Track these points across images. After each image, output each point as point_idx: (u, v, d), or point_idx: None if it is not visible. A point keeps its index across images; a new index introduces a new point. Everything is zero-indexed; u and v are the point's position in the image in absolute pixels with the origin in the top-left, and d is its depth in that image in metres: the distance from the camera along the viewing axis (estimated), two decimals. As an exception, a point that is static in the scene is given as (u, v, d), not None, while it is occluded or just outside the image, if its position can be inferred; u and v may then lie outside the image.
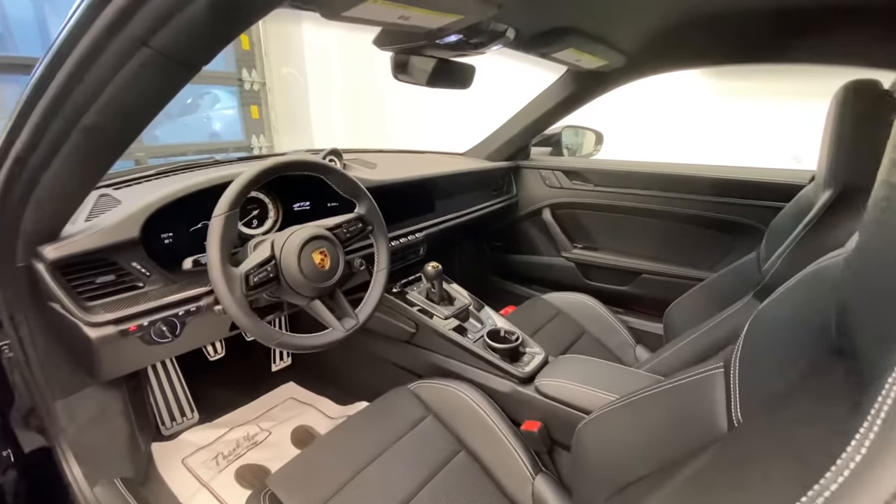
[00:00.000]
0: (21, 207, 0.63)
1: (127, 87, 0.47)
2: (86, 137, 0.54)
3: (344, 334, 0.90)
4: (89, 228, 0.75)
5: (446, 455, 0.92)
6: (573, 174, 1.71)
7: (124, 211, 0.79)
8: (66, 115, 0.50)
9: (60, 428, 0.89)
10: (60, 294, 0.71)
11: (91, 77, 0.46)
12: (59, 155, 0.56)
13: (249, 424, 1.33)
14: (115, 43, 0.42)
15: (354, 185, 0.96)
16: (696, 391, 0.62)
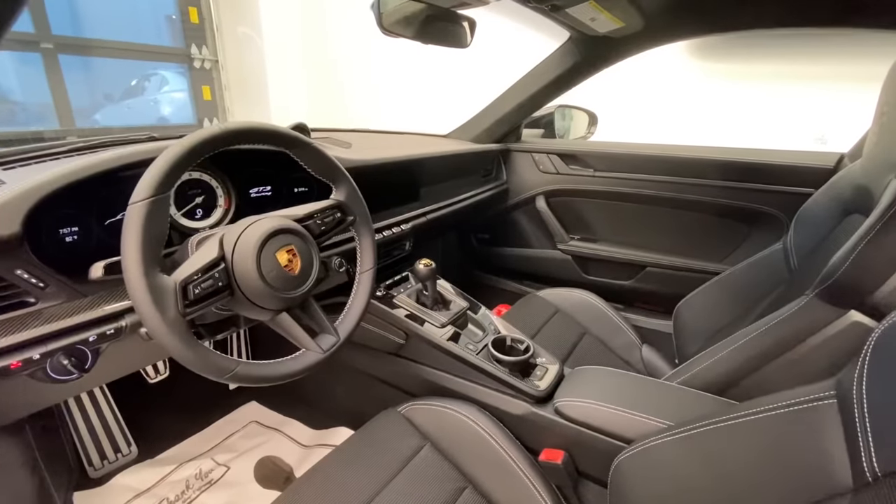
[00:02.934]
0: None
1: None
2: None
3: (322, 356, 0.70)
4: None
5: (450, 493, 0.76)
6: (570, 158, 1.55)
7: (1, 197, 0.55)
8: None
9: None
10: None
11: None
12: None
13: (202, 458, 1.10)
14: None
15: (331, 165, 0.75)
16: (795, 427, 0.47)
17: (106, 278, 0.57)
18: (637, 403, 0.78)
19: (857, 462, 0.38)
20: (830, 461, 0.41)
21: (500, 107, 1.52)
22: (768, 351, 0.80)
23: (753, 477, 0.49)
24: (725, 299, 1.14)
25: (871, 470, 0.37)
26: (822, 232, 0.94)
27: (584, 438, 0.81)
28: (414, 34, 0.81)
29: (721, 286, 1.18)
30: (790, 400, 0.48)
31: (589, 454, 0.81)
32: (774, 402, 0.49)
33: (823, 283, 0.76)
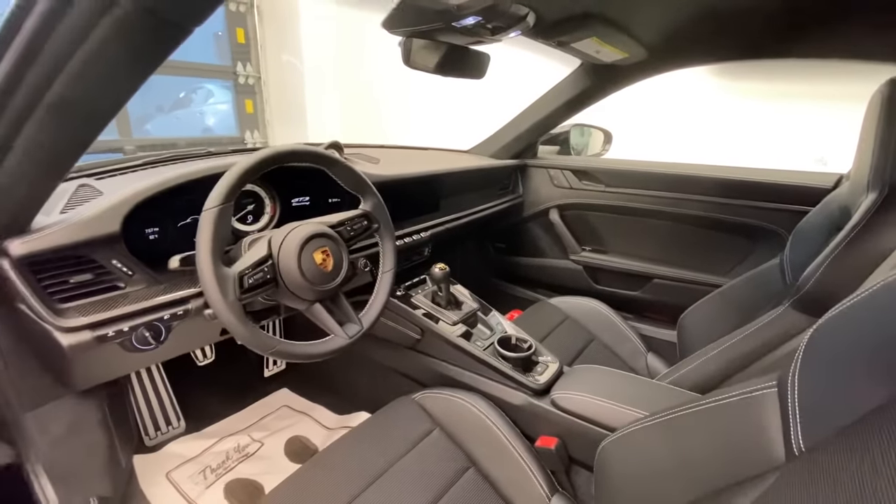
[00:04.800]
0: None
1: (99, 54, 0.39)
2: (51, 118, 0.45)
3: (347, 342, 0.83)
4: (64, 221, 0.66)
5: (454, 473, 0.85)
6: (583, 174, 1.65)
7: (105, 202, 0.70)
8: (26, 92, 0.42)
9: (31, 443, 0.80)
10: (28, 294, 0.63)
11: (56, 40, 0.38)
12: (19, 139, 0.47)
13: (240, 434, 1.24)
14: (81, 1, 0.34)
15: (360, 180, 0.88)
16: (744, 412, 0.56)
17: (180, 269, 0.72)
18: (622, 396, 0.87)
19: (789, 440, 0.47)
20: (769, 441, 0.49)
21: (517, 125, 1.63)
22: (748, 355, 0.87)
23: (709, 455, 0.58)
24: (726, 311, 1.20)
25: (798, 446, 0.45)
26: (814, 248, 1.01)
27: (575, 427, 0.90)
28: (435, 68, 0.94)
29: (722, 298, 1.24)
30: (741, 391, 0.57)
31: (579, 441, 0.90)
32: (729, 392, 0.58)
33: (797, 294, 0.83)
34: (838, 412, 0.44)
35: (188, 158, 1.00)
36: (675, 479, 0.62)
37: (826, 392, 0.47)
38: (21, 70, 0.41)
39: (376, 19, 0.86)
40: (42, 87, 0.42)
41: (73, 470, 0.85)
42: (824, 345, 0.50)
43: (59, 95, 0.42)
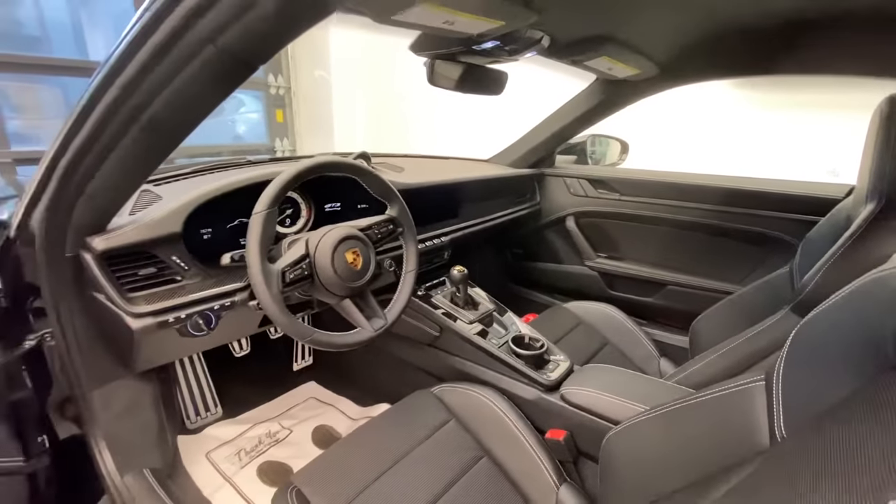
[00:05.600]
0: (75, 200, 0.65)
1: (189, 85, 0.48)
2: (143, 134, 0.55)
3: (373, 334, 0.91)
4: (134, 222, 0.77)
5: (469, 460, 0.91)
6: (598, 183, 1.70)
7: (167, 206, 0.81)
8: (127, 112, 0.52)
9: (95, 417, 0.91)
10: (106, 284, 0.73)
11: (156, 74, 0.48)
12: (116, 150, 0.58)
13: (271, 422, 1.34)
14: (184, 41, 0.44)
15: (387, 188, 0.97)
16: (735, 404, 0.61)
17: (230, 265, 0.82)
18: (627, 392, 0.92)
19: (772, 428, 0.52)
20: (756, 429, 0.55)
21: (535, 136, 1.70)
22: (750, 357, 0.92)
23: (702, 443, 0.63)
24: (736, 317, 1.24)
25: (780, 433, 0.51)
26: (821, 256, 1.04)
27: (583, 421, 0.95)
28: (456, 86, 1.02)
29: (733, 305, 1.27)
30: (732, 385, 0.62)
31: (586, 434, 0.96)
32: (721, 387, 0.64)
33: (797, 298, 0.88)
34: (815, 402, 0.49)
35: (231, 167, 1.11)
36: (672, 466, 0.68)
37: (805, 384, 0.52)
38: (125, 96, 0.51)
39: (402, 42, 0.95)
40: (140, 109, 0.52)
41: (130, 443, 0.96)
42: (806, 341, 0.55)
43: (152, 117, 0.52)
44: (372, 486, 0.83)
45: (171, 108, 0.52)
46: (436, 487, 0.85)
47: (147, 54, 0.46)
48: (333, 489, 0.81)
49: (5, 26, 3.20)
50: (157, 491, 0.89)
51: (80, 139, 0.57)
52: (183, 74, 0.47)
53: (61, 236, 0.70)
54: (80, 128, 0.56)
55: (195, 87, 0.49)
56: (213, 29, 0.42)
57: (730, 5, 0.91)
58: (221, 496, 1.08)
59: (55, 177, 0.62)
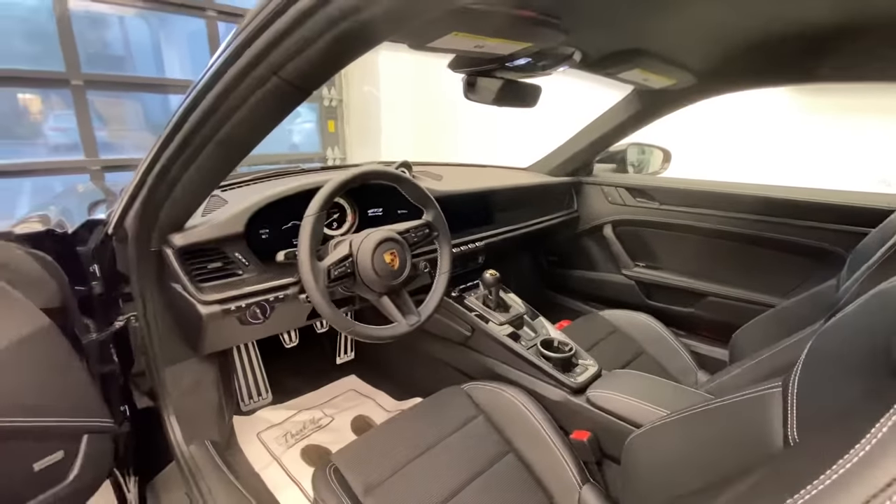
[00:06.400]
0: (162, 203, 0.78)
1: (256, 109, 0.58)
2: (218, 148, 0.66)
3: (408, 329, 0.99)
4: (206, 222, 0.89)
5: (494, 455, 0.96)
6: (637, 191, 1.70)
7: (232, 209, 0.93)
8: (207, 131, 0.63)
9: (166, 391, 1.04)
10: (182, 276, 0.86)
11: (231, 100, 0.58)
12: (196, 162, 0.69)
13: (315, 409, 1.45)
14: (253, 75, 0.53)
15: (423, 195, 1.05)
16: (752, 409, 0.63)
17: (284, 262, 0.92)
18: (650, 397, 0.94)
19: (786, 431, 0.55)
20: (771, 432, 0.57)
21: (573, 145, 1.73)
22: (778, 368, 0.91)
23: (719, 447, 0.65)
24: (778, 330, 1.20)
25: (792, 436, 0.53)
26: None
27: (606, 423, 0.98)
28: (493, 101, 1.09)
29: (776, 318, 1.24)
30: (751, 391, 0.64)
31: (610, 436, 0.98)
32: (742, 393, 0.65)
33: (833, 309, 0.86)
34: (826, 407, 0.51)
35: (287, 175, 1.24)
36: (690, 468, 0.70)
37: (819, 390, 0.54)
38: (206, 118, 0.62)
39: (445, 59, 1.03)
40: (216, 129, 0.63)
41: (195, 417, 1.09)
42: (822, 349, 0.57)
43: (225, 134, 0.63)
44: (402, 470, 0.90)
45: (242, 128, 0.62)
46: (462, 476, 0.90)
47: (223, 86, 0.57)
48: (367, 469, 0.89)
49: (97, 48, 3.58)
50: (217, 461, 1.01)
51: (169, 153, 0.69)
52: (251, 100, 0.57)
53: (149, 234, 0.84)
54: (170, 143, 0.68)
55: (261, 111, 0.59)
56: (277, 63, 0.52)
57: (768, 13, 0.91)
58: (269, 472, 1.19)
59: (147, 184, 0.74)
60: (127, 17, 6.82)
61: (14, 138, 4.81)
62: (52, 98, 4.54)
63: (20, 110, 4.73)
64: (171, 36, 7.86)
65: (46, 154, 5.10)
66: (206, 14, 3.43)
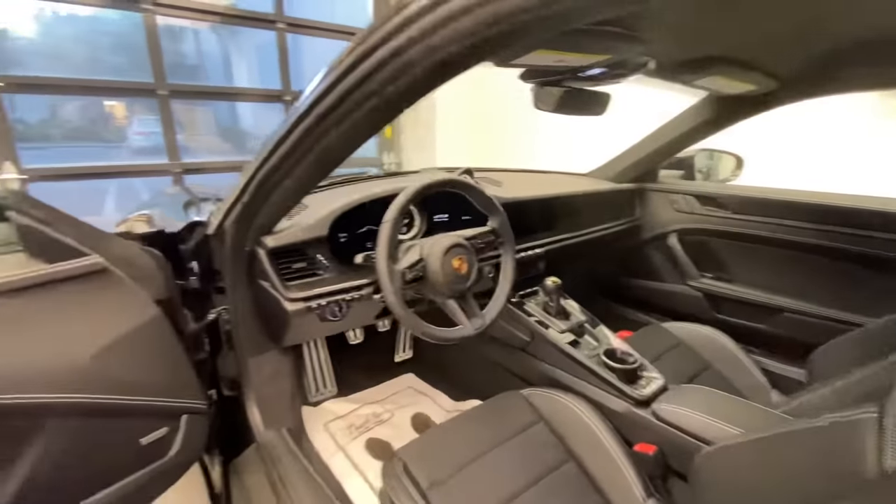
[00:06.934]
0: (259, 208, 0.86)
1: (355, 126, 0.64)
2: (315, 161, 0.73)
3: (473, 332, 1.02)
4: (293, 226, 0.97)
5: (554, 462, 0.97)
6: (707, 199, 1.64)
7: (316, 214, 1.00)
8: (307, 145, 0.69)
9: (249, 379, 1.13)
10: (272, 274, 0.94)
11: (332, 118, 0.63)
12: (294, 173, 0.76)
13: (376, 404, 1.52)
14: (357, 95, 0.58)
15: (490, 202, 1.08)
16: (843, 434, 0.60)
17: (362, 264, 0.98)
18: (722, 414, 0.91)
19: (881, 460, 0.52)
20: (864, 460, 0.55)
21: (638, 150, 1.69)
22: (870, 393, 0.85)
23: (806, 473, 0.63)
24: (865, 351, 1.13)
25: (889, 464, 0.51)
26: None
27: (673, 438, 0.96)
28: (562, 110, 1.09)
29: (864, 338, 1.16)
30: (841, 415, 0.61)
31: (677, 452, 0.96)
32: (829, 417, 0.63)
33: None
34: None
35: (358, 181, 1.31)
36: (770, 491, 0.68)
37: None
38: (308, 133, 0.68)
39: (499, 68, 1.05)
40: (315, 144, 0.69)
41: (272, 404, 1.18)
42: None
43: (323, 149, 0.69)
44: (465, 469, 0.93)
45: (339, 143, 0.68)
46: (522, 480, 0.92)
47: (326, 106, 0.62)
48: (432, 466, 0.92)
49: (175, 58, 3.87)
50: (292, 447, 1.09)
51: (270, 165, 0.76)
52: (352, 118, 0.62)
53: (244, 236, 0.92)
54: (271, 157, 0.75)
55: (360, 127, 0.64)
56: (380, 85, 0.56)
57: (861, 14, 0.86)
58: (336, 461, 1.26)
59: (249, 192, 0.82)
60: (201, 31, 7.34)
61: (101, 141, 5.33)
62: (135, 105, 4.98)
63: (106, 116, 5.24)
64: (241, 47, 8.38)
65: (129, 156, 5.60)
66: (275, 27, 3.63)
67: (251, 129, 7.13)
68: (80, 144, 4.96)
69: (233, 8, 3.57)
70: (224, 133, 6.86)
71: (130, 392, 0.81)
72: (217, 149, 6.27)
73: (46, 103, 4.98)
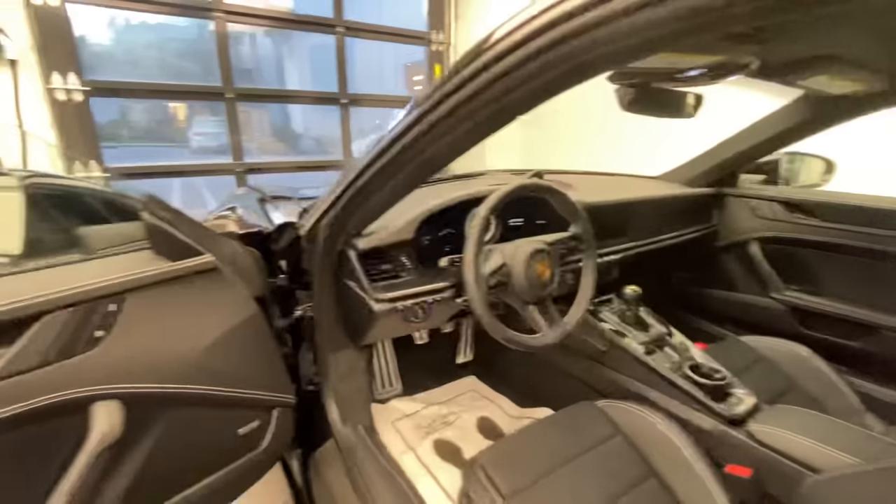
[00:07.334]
0: (354, 212, 0.88)
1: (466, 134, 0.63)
2: (418, 168, 0.73)
3: (554, 339, 1.00)
4: (381, 229, 0.99)
5: (634, 479, 0.93)
6: (793, 206, 1.53)
7: (402, 216, 1.02)
8: (414, 152, 0.70)
9: (327, 375, 1.17)
10: (361, 275, 0.96)
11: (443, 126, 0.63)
12: (395, 178, 0.77)
13: (441, 405, 1.53)
14: (473, 104, 0.58)
15: (574, 208, 1.06)
16: None
17: (447, 267, 0.99)
18: (830, 440, 0.85)
19: None
20: None
21: (717, 153, 1.61)
22: None
23: None
24: None
25: None
26: None
27: (772, 462, 0.90)
28: (652, 112, 1.05)
29: None
30: None
31: (776, 477, 0.90)
32: None
33: None
34: None
35: (438, 182, 1.31)
36: None
37: None
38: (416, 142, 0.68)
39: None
40: (422, 151, 0.69)
41: (348, 400, 1.21)
42: None
43: (430, 156, 0.69)
44: (544, 480, 0.91)
45: (446, 150, 0.68)
46: (602, 494, 0.89)
47: (440, 114, 0.62)
48: (512, 473, 0.91)
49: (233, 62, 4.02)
50: (369, 444, 1.11)
51: (373, 171, 0.77)
52: (464, 126, 0.62)
53: (338, 237, 0.95)
54: (375, 163, 0.76)
55: (471, 136, 0.64)
56: (498, 94, 0.55)
57: None
58: (407, 460, 1.28)
59: (347, 196, 0.84)
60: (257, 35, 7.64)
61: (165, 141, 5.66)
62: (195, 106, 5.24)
63: (169, 118, 5.56)
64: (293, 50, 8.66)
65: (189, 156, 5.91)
66: (335, 31, 3.74)
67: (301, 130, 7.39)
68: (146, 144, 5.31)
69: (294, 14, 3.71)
70: (277, 133, 7.15)
71: (233, 384, 0.85)
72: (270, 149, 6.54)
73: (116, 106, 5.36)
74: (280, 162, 4.34)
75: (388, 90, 7.22)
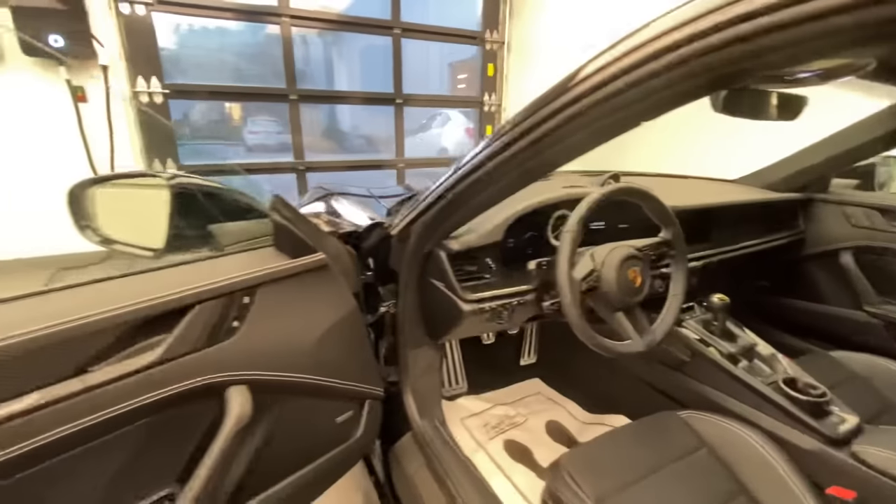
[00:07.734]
0: (450, 214, 0.90)
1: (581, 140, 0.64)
2: (522, 174, 0.74)
3: (643, 347, 0.98)
4: (471, 231, 1.01)
5: (724, 494, 0.90)
6: (894, 214, 1.43)
7: (491, 219, 1.03)
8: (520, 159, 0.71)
9: (407, 371, 1.20)
10: (450, 275, 0.98)
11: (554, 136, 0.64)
12: (497, 183, 0.78)
13: (508, 406, 1.54)
14: (596, 111, 0.58)
15: (667, 212, 1.04)
16: None
17: (534, 270, 1.00)
18: None
19: None
20: None
21: (806, 157, 1.52)
22: None
23: None
24: None
25: None
26: None
27: (881, 486, 0.85)
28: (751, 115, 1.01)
29: None
30: None
31: (882, 501, 0.85)
32: None
33: None
34: None
35: None
36: None
37: None
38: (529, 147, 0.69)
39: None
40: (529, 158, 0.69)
41: (425, 396, 1.24)
42: None
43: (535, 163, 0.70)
44: (630, 489, 0.90)
45: (559, 156, 0.69)
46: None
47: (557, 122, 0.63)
48: (597, 480, 0.91)
49: None
50: (447, 438, 1.14)
51: (477, 175, 0.79)
52: (578, 135, 0.62)
53: (429, 238, 0.98)
54: (479, 168, 0.78)
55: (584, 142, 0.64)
56: (623, 104, 0.55)
57: None
58: (478, 458, 1.30)
59: (446, 199, 0.87)
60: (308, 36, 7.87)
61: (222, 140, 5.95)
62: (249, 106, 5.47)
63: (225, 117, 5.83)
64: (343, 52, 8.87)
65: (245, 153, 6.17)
66: (392, 32, 3.82)
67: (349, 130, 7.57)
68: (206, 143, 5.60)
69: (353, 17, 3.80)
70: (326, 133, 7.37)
71: (335, 375, 0.90)
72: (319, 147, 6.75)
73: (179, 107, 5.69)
74: (337, 160, 4.48)
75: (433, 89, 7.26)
